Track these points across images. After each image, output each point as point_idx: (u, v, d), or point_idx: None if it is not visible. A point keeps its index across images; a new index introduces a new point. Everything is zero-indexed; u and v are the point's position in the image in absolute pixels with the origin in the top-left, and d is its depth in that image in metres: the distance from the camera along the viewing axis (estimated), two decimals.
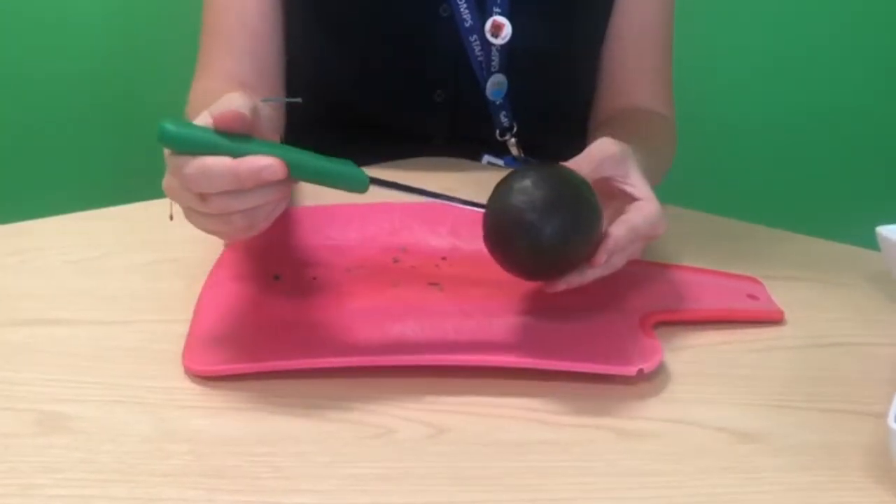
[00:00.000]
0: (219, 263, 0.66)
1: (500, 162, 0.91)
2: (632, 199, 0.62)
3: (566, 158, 0.92)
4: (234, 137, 0.50)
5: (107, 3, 1.22)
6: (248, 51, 0.86)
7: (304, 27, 0.89)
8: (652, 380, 0.56)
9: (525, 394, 0.55)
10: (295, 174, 0.50)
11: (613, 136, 0.65)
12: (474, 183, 0.68)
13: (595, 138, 0.90)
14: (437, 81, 0.87)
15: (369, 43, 0.87)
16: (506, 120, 0.90)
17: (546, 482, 0.48)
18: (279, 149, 0.50)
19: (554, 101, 0.92)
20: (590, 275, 0.60)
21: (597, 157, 0.62)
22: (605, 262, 0.59)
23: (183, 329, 0.58)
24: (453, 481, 0.48)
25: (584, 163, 0.62)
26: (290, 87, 0.90)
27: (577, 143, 0.93)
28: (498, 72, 0.88)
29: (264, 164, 0.48)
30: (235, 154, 0.49)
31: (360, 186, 0.53)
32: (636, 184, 0.63)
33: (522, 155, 0.92)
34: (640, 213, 0.61)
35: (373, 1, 0.86)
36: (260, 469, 0.48)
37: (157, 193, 0.76)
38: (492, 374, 0.55)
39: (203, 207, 0.51)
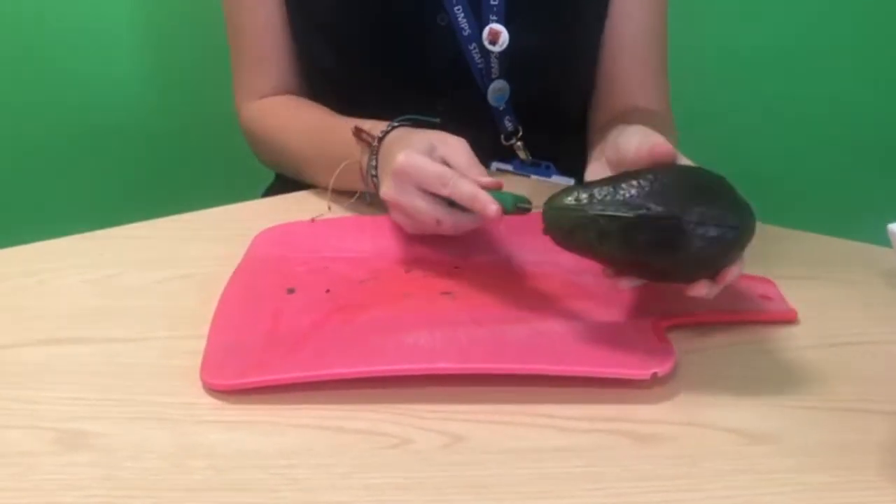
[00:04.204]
0: (234, 279, 0.66)
1: (509, 167, 0.92)
2: None
3: (573, 158, 0.93)
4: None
5: (124, 28, 1.24)
6: (283, 66, 0.92)
7: (306, 39, 0.90)
8: (666, 383, 0.56)
9: (539, 400, 0.55)
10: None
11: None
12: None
13: (598, 141, 0.91)
14: (438, 90, 0.88)
15: (369, 54, 0.88)
16: (510, 125, 0.91)
17: (562, 489, 0.48)
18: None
19: (557, 102, 0.93)
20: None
21: (672, 152, 0.60)
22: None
23: (199, 345, 0.59)
24: (470, 490, 0.48)
25: (670, 156, 0.60)
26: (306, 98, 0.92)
27: (583, 141, 0.94)
28: (499, 78, 0.88)
29: (493, 205, 0.63)
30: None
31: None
32: None
33: (530, 158, 0.93)
34: None
35: (371, 12, 0.87)
36: (279, 482, 0.48)
37: (170, 210, 0.78)
38: (506, 381, 0.56)
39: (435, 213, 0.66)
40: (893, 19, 1.34)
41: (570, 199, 0.57)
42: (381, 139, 0.73)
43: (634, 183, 0.56)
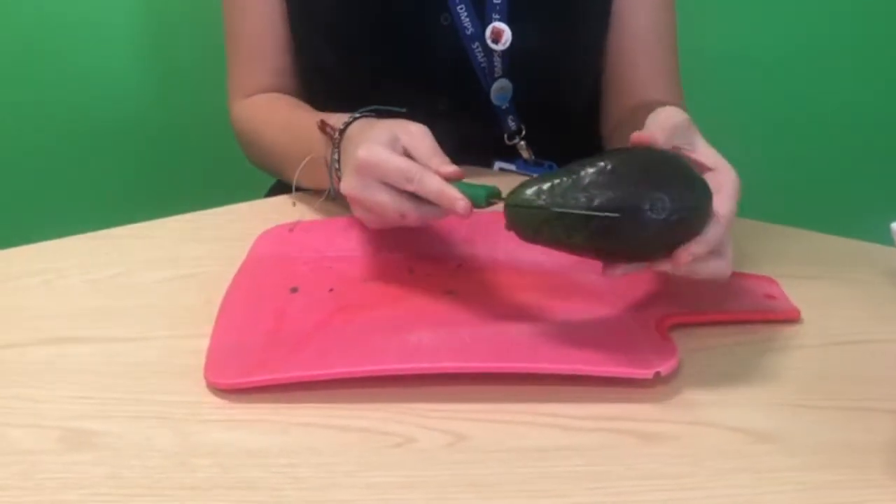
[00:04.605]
0: (237, 278, 0.67)
1: (512, 167, 0.92)
2: (703, 168, 0.61)
3: (577, 157, 0.93)
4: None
5: (128, 27, 1.24)
6: (276, 65, 0.91)
7: (307, 39, 0.90)
8: (669, 382, 0.56)
9: (542, 399, 0.55)
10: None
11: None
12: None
13: (614, 138, 0.91)
14: (441, 90, 0.88)
15: (371, 54, 0.88)
16: (513, 124, 0.91)
17: (565, 487, 0.49)
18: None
19: (560, 101, 0.93)
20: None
21: (668, 125, 0.60)
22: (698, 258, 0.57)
23: (202, 344, 0.59)
24: (473, 489, 0.48)
25: (659, 132, 0.60)
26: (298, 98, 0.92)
27: (586, 140, 0.94)
28: (502, 77, 0.88)
29: (461, 202, 0.61)
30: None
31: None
32: (706, 152, 0.61)
33: (533, 157, 0.93)
34: (721, 200, 0.59)
35: (373, 12, 0.87)
36: (282, 480, 0.49)
37: (173, 211, 0.78)
38: (509, 380, 0.56)
39: (399, 206, 0.63)
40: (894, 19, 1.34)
41: (531, 195, 0.57)
42: (342, 131, 0.72)
43: (591, 171, 0.56)
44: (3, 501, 0.47)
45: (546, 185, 0.56)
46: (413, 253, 0.70)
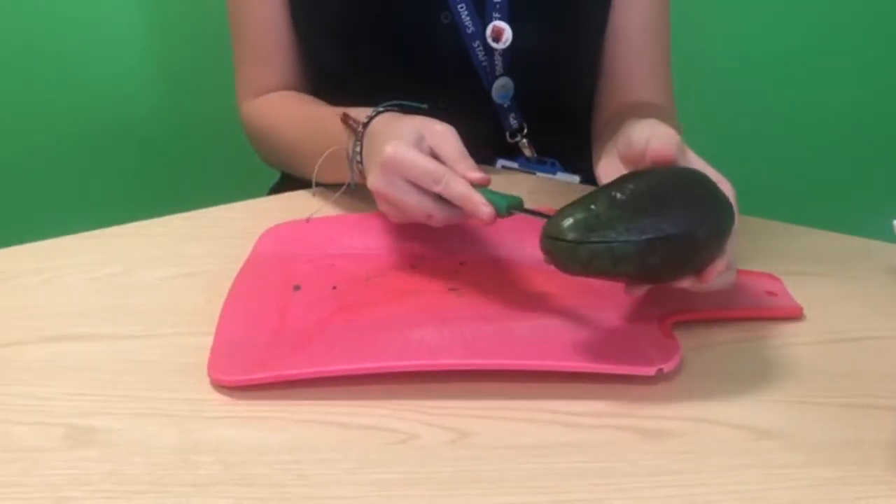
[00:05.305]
0: (240, 276, 0.67)
1: (515, 164, 0.92)
2: None
3: (579, 155, 0.93)
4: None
5: (128, 26, 1.24)
6: (284, 64, 0.92)
7: (308, 38, 0.91)
8: (672, 379, 0.56)
9: (545, 396, 0.55)
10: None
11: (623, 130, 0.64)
12: (493, 188, 0.69)
13: (602, 136, 0.91)
14: (442, 88, 0.88)
15: (371, 52, 0.88)
16: (515, 122, 0.91)
17: (568, 484, 0.49)
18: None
19: (561, 98, 0.93)
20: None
21: (675, 143, 0.59)
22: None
23: (205, 342, 0.59)
24: (476, 485, 0.48)
25: (677, 150, 0.59)
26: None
27: (588, 138, 0.95)
28: (503, 75, 0.88)
29: (485, 208, 0.63)
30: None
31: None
32: (704, 167, 0.61)
33: (535, 155, 0.93)
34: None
35: (374, 11, 0.87)
36: (285, 477, 0.48)
37: (175, 209, 0.78)
38: (512, 377, 0.56)
39: (426, 206, 0.65)
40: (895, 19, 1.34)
41: (575, 227, 0.54)
42: (365, 125, 0.72)
43: (631, 198, 0.54)
44: (7, 498, 0.47)
45: (590, 216, 0.53)
46: (416, 251, 0.70)
